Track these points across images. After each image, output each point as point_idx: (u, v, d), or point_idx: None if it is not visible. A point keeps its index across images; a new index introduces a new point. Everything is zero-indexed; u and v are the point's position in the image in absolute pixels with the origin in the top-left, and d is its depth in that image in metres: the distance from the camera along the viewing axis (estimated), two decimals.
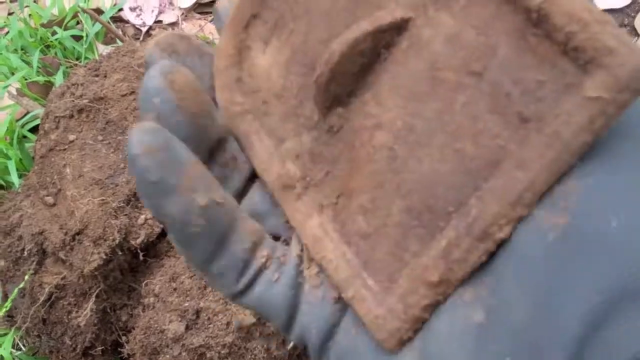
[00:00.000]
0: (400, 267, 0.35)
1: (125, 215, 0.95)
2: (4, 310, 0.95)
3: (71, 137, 1.02)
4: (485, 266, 0.30)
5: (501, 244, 0.30)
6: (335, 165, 0.39)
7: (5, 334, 1.04)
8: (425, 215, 0.35)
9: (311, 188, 0.40)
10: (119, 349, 1.00)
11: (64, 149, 1.01)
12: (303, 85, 0.41)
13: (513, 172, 0.31)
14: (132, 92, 1.03)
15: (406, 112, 0.36)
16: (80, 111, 1.03)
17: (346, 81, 0.38)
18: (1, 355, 0.99)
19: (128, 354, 0.96)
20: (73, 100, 1.04)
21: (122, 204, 0.94)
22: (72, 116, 1.04)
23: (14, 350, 1.05)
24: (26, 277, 0.93)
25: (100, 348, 0.98)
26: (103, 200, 0.94)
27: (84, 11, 1.40)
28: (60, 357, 0.99)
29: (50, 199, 0.97)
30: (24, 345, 1.07)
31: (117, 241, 0.92)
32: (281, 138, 0.41)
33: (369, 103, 0.38)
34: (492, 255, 0.30)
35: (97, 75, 1.09)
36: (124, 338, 0.98)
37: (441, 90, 0.35)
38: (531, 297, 0.27)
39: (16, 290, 0.94)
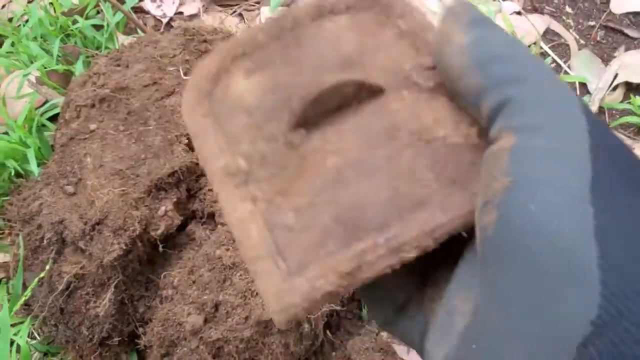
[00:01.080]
0: (313, 260, 0.42)
1: (146, 206, 0.94)
2: (23, 299, 0.95)
3: (92, 126, 1.02)
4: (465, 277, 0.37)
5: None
6: (283, 171, 0.46)
7: (22, 322, 1.03)
8: (350, 227, 0.43)
9: (253, 182, 0.45)
10: (135, 340, 1.00)
11: (85, 138, 1.01)
12: (274, 108, 0.47)
13: (435, 212, 0.41)
14: (155, 83, 1.02)
15: (361, 149, 0.45)
16: (101, 101, 1.03)
17: (319, 111, 0.45)
18: (18, 344, 0.98)
19: (145, 346, 0.96)
20: (95, 90, 1.04)
21: (142, 195, 0.94)
22: (93, 105, 1.03)
23: (28, 339, 1.04)
24: (47, 267, 0.93)
25: (117, 339, 0.98)
26: (123, 190, 0.94)
27: (107, 1, 1.39)
28: (77, 347, 0.98)
29: (70, 188, 0.97)
30: (38, 335, 1.06)
31: (137, 232, 0.91)
32: (238, 141, 0.47)
33: (331, 134, 0.46)
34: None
35: (118, 65, 1.09)
36: (140, 329, 0.98)
37: (394, 143, 0.44)
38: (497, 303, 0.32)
39: (36, 279, 0.94)
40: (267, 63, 0.48)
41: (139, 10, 1.51)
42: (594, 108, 1.34)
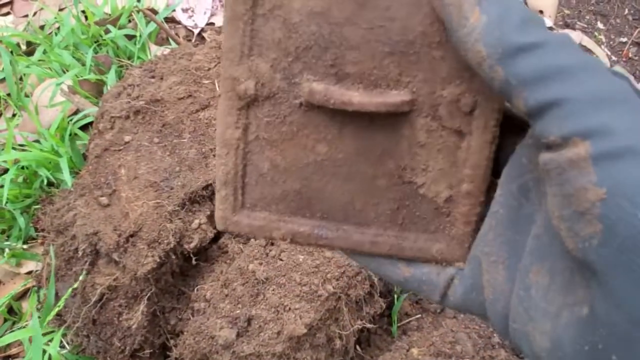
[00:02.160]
0: (264, 208, 0.52)
1: (180, 219, 0.94)
2: (56, 310, 0.95)
3: (127, 138, 1.02)
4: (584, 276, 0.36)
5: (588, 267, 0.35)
6: (281, 123, 0.50)
7: (53, 332, 1.04)
8: (304, 204, 0.52)
9: (253, 111, 0.50)
10: (166, 353, 1.00)
11: (119, 150, 1.01)
12: (310, 47, 0.48)
13: (367, 239, 0.52)
14: (189, 96, 1.03)
15: (350, 154, 0.50)
16: (136, 112, 1.03)
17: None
18: (49, 354, 0.99)
19: (176, 358, 0.96)
20: (129, 102, 1.04)
21: (177, 208, 0.94)
22: (127, 117, 1.04)
23: (59, 349, 1.05)
24: (81, 277, 0.93)
25: (148, 351, 0.98)
26: (158, 203, 0.94)
27: (140, 11, 1.40)
28: (108, 358, 0.99)
29: (104, 200, 0.97)
30: (67, 344, 1.07)
31: (171, 245, 0.92)
32: (262, 53, 0.48)
33: (337, 123, 0.49)
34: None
35: (153, 77, 1.09)
36: (172, 342, 0.98)
37: (380, 167, 0.50)
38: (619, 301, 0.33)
39: (69, 290, 0.94)
40: None
41: (170, 20, 1.52)
42: None
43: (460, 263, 0.50)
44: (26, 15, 1.57)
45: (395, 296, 1.10)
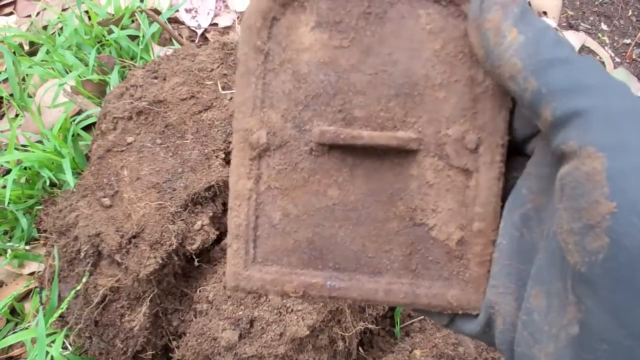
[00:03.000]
0: (276, 262, 0.52)
1: (182, 220, 0.94)
2: (59, 312, 0.95)
3: (129, 139, 1.02)
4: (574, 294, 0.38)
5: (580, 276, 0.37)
6: (292, 171, 0.52)
7: (55, 333, 1.04)
8: (316, 254, 0.52)
9: (265, 161, 0.52)
10: (169, 354, 1.00)
11: (122, 151, 1.01)
12: (320, 95, 0.51)
13: (381, 288, 0.52)
14: (192, 97, 1.02)
15: (361, 197, 0.52)
16: (139, 113, 1.03)
17: (350, 152, 0.51)
18: (52, 355, 0.99)
19: (178, 359, 0.96)
20: (132, 102, 1.04)
21: (179, 209, 0.94)
22: (130, 118, 1.03)
23: (61, 350, 1.05)
24: (84, 280, 0.93)
25: (150, 352, 0.98)
26: (160, 204, 0.94)
27: (143, 11, 1.40)
28: None
29: (107, 201, 0.97)
30: (70, 345, 1.07)
31: (174, 246, 0.92)
32: (273, 105, 0.51)
33: (348, 165, 0.52)
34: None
35: (156, 78, 1.09)
36: (174, 343, 0.98)
37: (390, 209, 0.51)
38: (608, 314, 0.35)
39: (72, 292, 0.94)
40: (341, 24, 0.50)
41: (173, 20, 1.52)
42: None
43: (476, 311, 0.50)
44: (29, 16, 1.57)
45: None
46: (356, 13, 0.49)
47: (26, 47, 1.49)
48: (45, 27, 1.51)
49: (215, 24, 1.50)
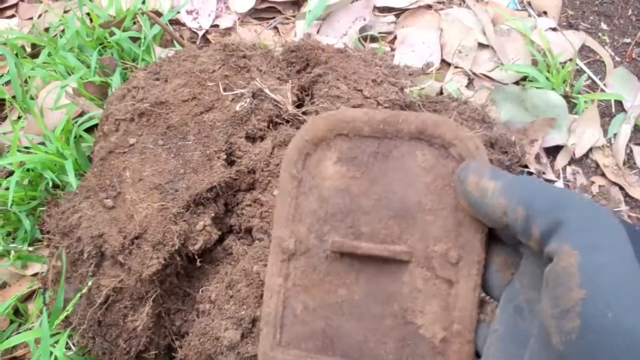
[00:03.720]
0: (296, 346, 0.66)
1: (184, 221, 0.95)
2: (64, 314, 0.96)
3: (131, 140, 1.02)
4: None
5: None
6: (312, 272, 0.66)
7: (58, 333, 1.04)
8: (327, 342, 0.64)
9: (292, 263, 0.67)
10: (172, 354, 1.00)
11: (124, 152, 1.02)
12: (335, 214, 0.65)
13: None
14: (194, 98, 1.03)
15: (363, 296, 0.64)
16: (141, 115, 1.04)
17: (357, 259, 0.65)
18: (55, 355, 0.99)
19: (181, 359, 0.96)
20: (134, 104, 1.05)
21: (181, 210, 0.95)
22: (132, 119, 1.04)
23: (65, 350, 1.05)
24: (89, 283, 0.94)
25: (153, 352, 0.98)
26: (162, 205, 0.94)
27: (145, 13, 1.40)
28: None
29: (109, 202, 0.98)
30: (74, 346, 1.07)
31: (176, 247, 0.92)
32: (301, 220, 0.67)
33: (354, 270, 0.65)
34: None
35: (157, 79, 1.10)
36: (177, 343, 0.99)
37: (386, 308, 0.63)
38: None
39: (78, 295, 0.94)
40: (355, 160, 0.64)
41: (175, 22, 1.52)
42: (629, 126, 1.33)
43: None
44: (31, 18, 1.57)
45: None
46: (368, 152, 0.63)
47: (28, 50, 1.50)
48: (47, 30, 1.52)
49: (217, 26, 1.50)
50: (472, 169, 0.55)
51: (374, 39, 1.47)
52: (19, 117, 1.35)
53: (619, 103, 1.39)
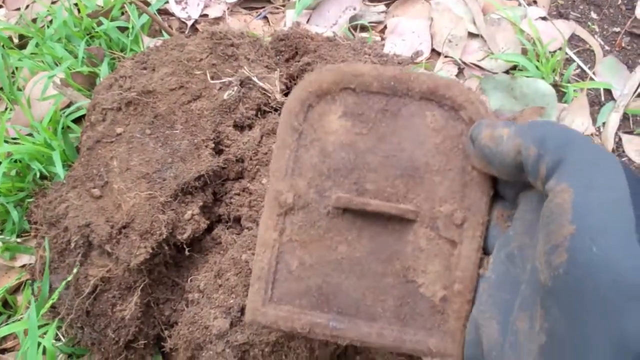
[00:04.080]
0: (289, 302, 0.64)
1: (172, 210, 0.94)
2: (50, 302, 0.95)
3: (118, 129, 1.02)
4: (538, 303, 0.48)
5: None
6: (311, 227, 0.64)
7: (47, 324, 1.04)
8: (323, 299, 0.63)
9: (289, 218, 0.65)
10: (161, 344, 1.00)
11: (111, 142, 1.01)
12: (339, 169, 0.64)
13: (374, 332, 0.62)
14: (181, 87, 1.02)
15: (365, 254, 0.63)
16: (128, 104, 1.03)
17: (359, 211, 0.63)
18: (44, 346, 0.99)
19: (170, 349, 0.96)
20: (121, 93, 1.04)
21: (169, 199, 0.94)
22: (119, 109, 1.03)
23: (54, 341, 1.05)
24: (75, 271, 0.93)
25: (142, 342, 0.98)
26: (150, 194, 0.94)
27: (132, 3, 1.39)
28: (102, 350, 0.98)
29: (96, 191, 0.97)
30: (63, 336, 1.07)
31: (164, 236, 0.92)
32: (301, 174, 0.64)
33: (357, 227, 0.64)
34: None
35: (145, 69, 1.09)
36: (166, 332, 0.98)
37: (388, 266, 0.62)
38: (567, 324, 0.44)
39: (63, 283, 0.94)
40: (362, 116, 0.63)
41: (163, 12, 1.51)
42: (618, 114, 1.33)
43: (452, 358, 0.61)
44: (18, 9, 1.56)
45: None
46: (376, 108, 0.62)
47: (15, 40, 1.49)
48: (34, 20, 1.51)
49: (206, 15, 1.50)
50: (485, 124, 0.56)
51: (364, 29, 1.47)
52: (6, 108, 1.34)
53: (608, 92, 1.39)
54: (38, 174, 1.20)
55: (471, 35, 1.44)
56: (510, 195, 0.60)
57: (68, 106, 1.29)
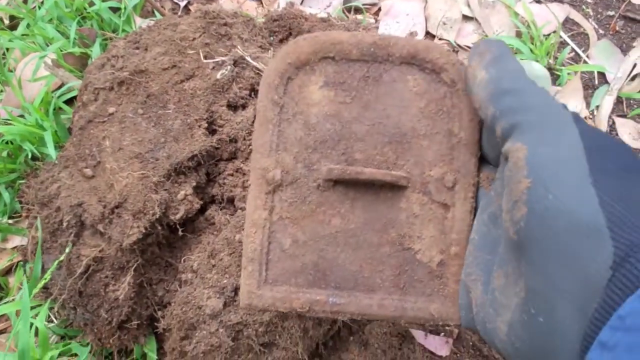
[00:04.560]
0: (285, 282, 0.63)
1: (165, 190, 0.94)
2: (42, 282, 0.95)
3: (111, 109, 1.01)
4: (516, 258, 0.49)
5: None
6: (302, 203, 0.63)
7: (40, 305, 1.03)
8: (320, 276, 0.62)
9: (278, 195, 0.63)
10: (154, 324, 1.00)
11: (103, 122, 1.00)
12: (325, 140, 0.63)
13: (375, 303, 0.62)
14: (174, 66, 1.01)
15: (359, 225, 0.62)
16: (120, 84, 1.02)
17: (351, 181, 0.62)
18: (36, 327, 0.98)
19: (164, 329, 0.96)
20: (113, 73, 1.03)
21: (162, 179, 0.93)
22: (112, 88, 1.02)
23: (46, 323, 1.04)
24: (67, 250, 0.93)
25: (135, 322, 0.97)
26: (143, 174, 0.93)
27: None
28: (95, 330, 0.98)
29: (89, 171, 0.96)
30: (55, 318, 1.06)
31: (157, 216, 0.91)
32: (287, 148, 0.63)
33: (349, 199, 0.63)
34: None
35: (137, 48, 1.08)
36: (159, 313, 0.98)
37: (383, 235, 0.62)
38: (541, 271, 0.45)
39: (55, 263, 0.93)
40: (344, 85, 0.62)
41: None
42: (612, 98, 1.33)
43: (455, 322, 0.61)
44: None
45: None
46: (357, 76, 0.62)
47: (6, 21, 1.47)
48: (25, 1, 1.49)
49: None
50: (478, 50, 0.55)
51: (357, 10, 1.46)
52: None
53: (602, 75, 1.39)
54: (30, 155, 1.19)
55: (465, 17, 1.44)
56: (493, 157, 0.61)
57: (60, 87, 1.28)
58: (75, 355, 1.04)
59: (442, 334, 1.05)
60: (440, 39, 1.39)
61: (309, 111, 0.63)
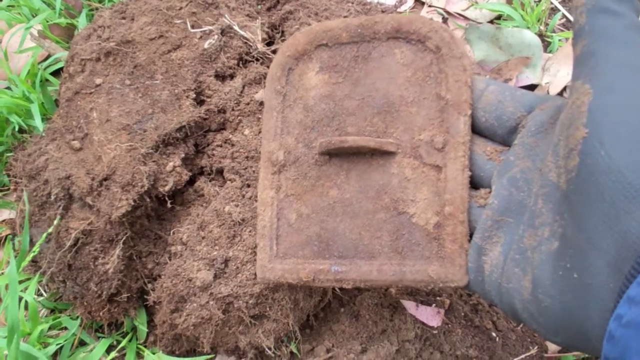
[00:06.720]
0: (293, 255, 0.68)
1: (154, 161, 0.93)
2: (31, 255, 0.94)
3: (98, 80, 0.99)
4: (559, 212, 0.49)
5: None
6: (303, 179, 0.68)
7: (29, 279, 1.03)
8: (323, 246, 0.66)
9: (283, 174, 0.69)
10: (144, 297, 0.99)
11: (90, 93, 0.99)
12: (321, 119, 0.67)
13: (375, 269, 0.64)
14: (161, 36, 1.00)
15: (355, 193, 0.65)
16: (107, 54, 1.00)
17: (344, 154, 0.65)
18: (26, 301, 0.98)
19: (154, 302, 0.95)
20: (100, 43, 1.01)
21: (150, 151, 0.92)
22: (98, 59, 1.01)
23: (36, 296, 1.04)
24: (55, 222, 0.92)
25: (125, 295, 0.97)
26: (131, 146, 0.92)
27: None
28: (85, 304, 0.98)
29: (76, 143, 0.95)
30: (45, 291, 1.06)
31: (145, 188, 0.90)
32: (289, 131, 0.69)
33: (344, 170, 0.66)
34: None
35: (124, 18, 1.06)
36: (149, 285, 0.98)
37: (378, 202, 0.64)
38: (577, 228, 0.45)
39: (44, 235, 0.93)
40: (337, 67, 0.66)
41: None
42: None
43: (453, 283, 0.61)
44: None
45: None
46: (348, 57, 0.66)
47: None
48: None
49: None
50: None
51: None
52: None
53: None
54: (17, 128, 1.18)
55: None
56: (500, 134, 0.61)
57: (46, 59, 1.27)
58: (65, 328, 1.03)
59: (434, 304, 1.05)
60: (430, 6, 1.38)
61: (307, 95, 0.67)
